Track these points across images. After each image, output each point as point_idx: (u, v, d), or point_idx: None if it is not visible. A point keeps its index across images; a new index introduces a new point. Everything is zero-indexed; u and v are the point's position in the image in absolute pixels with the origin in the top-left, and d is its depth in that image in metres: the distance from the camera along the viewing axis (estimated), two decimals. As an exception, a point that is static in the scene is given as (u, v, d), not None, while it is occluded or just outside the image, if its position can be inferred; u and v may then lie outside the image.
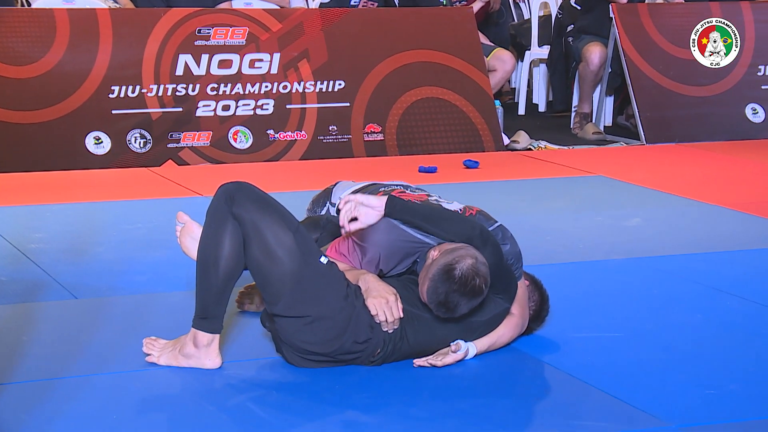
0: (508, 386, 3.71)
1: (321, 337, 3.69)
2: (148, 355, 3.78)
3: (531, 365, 3.86)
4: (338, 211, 3.95)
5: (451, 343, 3.79)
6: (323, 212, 4.26)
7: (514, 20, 10.55)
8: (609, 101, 9.38)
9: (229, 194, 3.68)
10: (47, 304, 4.42)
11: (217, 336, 3.74)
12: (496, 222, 3.97)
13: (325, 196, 4.31)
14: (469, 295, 3.65)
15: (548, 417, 3.47)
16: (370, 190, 4.08)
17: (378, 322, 3.71)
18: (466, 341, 3.81)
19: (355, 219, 3.76)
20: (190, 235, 3.86)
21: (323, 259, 3.70)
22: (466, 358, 3.82)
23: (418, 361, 3.80)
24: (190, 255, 3.85)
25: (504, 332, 3.89)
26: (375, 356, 3.77)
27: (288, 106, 7.74)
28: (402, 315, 3.74)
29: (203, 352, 3.73)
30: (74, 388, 3.56)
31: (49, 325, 4.15)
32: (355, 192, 4.08)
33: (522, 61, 10.08)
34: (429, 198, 4.03)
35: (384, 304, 3.71)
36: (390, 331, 3.74)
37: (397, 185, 4.15)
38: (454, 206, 3.98)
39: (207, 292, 3.69)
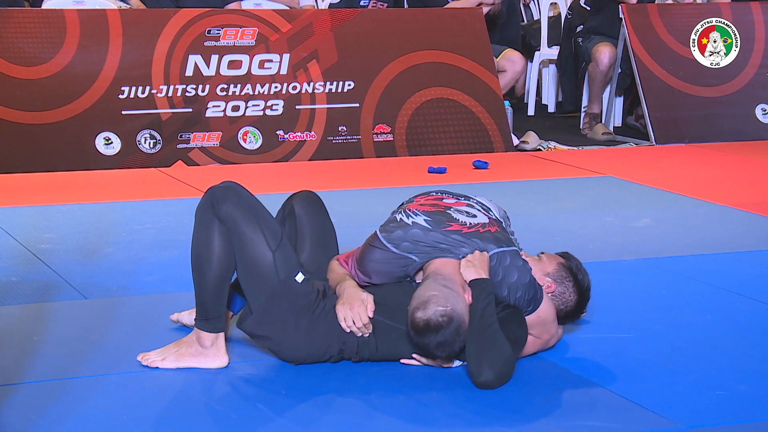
0: (517, 386, 3.71)
1: (288, 353, 3.77)
2: (147, 361, 3.78)
3: (540, 365, 3.86)
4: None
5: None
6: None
7: (523, 21, 10.55)
8: (618, 102, 9.37)
9: (214, 202, 3.70)
10: (57, 305, 4.43)
11: (222, 334, 3.77)
12: (507, 247, 3.84)
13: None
14: (433, 334, 3.61)
15: (557, 417, 3.47)
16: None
17: (347, 330, 3.75)
18: None
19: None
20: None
21: (299, 277, 3.74)
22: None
23: (404, 360, 3.83)
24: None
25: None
26: (353, 359, 3.83)
27: (297, 107, 7.74)
28: (371, 316, 3.75)
29: (210, 351, 3.75)
30: (84, 389, 3.57)
31: (60, 326, 4.16)
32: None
33: (531, 61, 10.07)
34: (466, 204, 3.97)
35: (348, 310, 3.74)
36: (365, 336, 3.77)
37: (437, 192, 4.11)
38: (480, 218, 3.89)
39: (204, 294, 3.72)
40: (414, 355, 3.81)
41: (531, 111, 10.01)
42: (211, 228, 3.69)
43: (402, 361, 3.83)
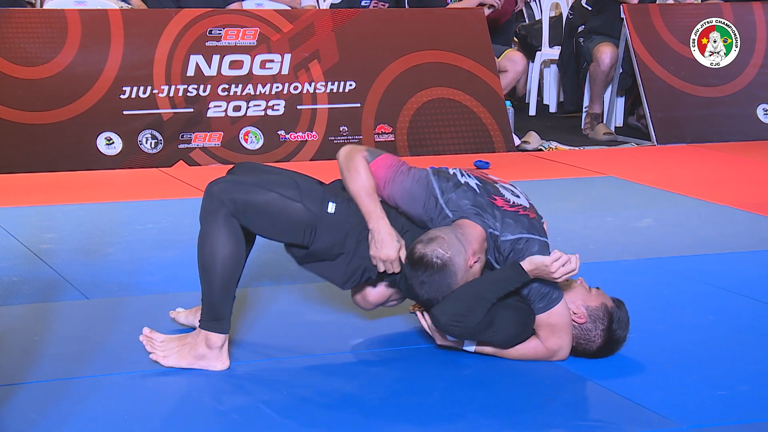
0: (518, 386, 3.71)
1: (339, 277, 3.87)
2: (151, 353, 3.78)
3: (541, 365, 3.86)
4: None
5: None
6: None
7: (525, 21, 10.55)
8: (620, 102, 9.37)
9: (223, 199, 3.70)
10: (59, 305, 4.43)
11: (227, 336, 3.77)
12: (539, 236, 3.81)
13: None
14: (422, 270, 3.66)
15: (559, 417, 3.47)
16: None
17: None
18: None
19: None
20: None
21: (330, 208, 3.81)
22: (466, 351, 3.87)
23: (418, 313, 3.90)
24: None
25: (518, 349, 3.86)
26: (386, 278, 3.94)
27: (299, 107, 7.75)
28: (399, 270, 3.80)
29: (215, 353, 3.75)
30: (86, 389, 3.57)
31: (61, 326, 4.16)
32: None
33: (533, 61, 10.07)
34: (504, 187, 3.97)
35: (380, 262, 3.79)
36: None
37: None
38: (522, 201, 3.92)
39: (213, 295, 3.71)
40: (416, 312, 3.87)
41: (532, 111, 10.01)
42: (218, 227, 3.69)
43: (414, 309, 3.89)
